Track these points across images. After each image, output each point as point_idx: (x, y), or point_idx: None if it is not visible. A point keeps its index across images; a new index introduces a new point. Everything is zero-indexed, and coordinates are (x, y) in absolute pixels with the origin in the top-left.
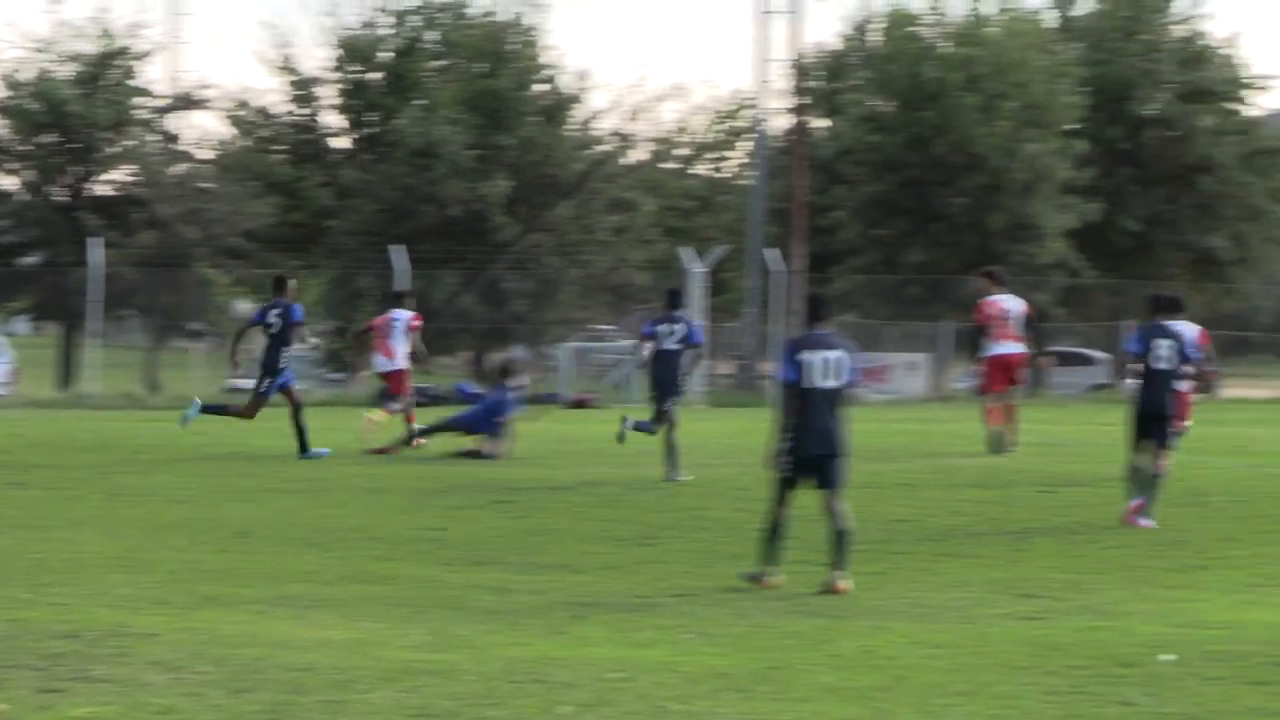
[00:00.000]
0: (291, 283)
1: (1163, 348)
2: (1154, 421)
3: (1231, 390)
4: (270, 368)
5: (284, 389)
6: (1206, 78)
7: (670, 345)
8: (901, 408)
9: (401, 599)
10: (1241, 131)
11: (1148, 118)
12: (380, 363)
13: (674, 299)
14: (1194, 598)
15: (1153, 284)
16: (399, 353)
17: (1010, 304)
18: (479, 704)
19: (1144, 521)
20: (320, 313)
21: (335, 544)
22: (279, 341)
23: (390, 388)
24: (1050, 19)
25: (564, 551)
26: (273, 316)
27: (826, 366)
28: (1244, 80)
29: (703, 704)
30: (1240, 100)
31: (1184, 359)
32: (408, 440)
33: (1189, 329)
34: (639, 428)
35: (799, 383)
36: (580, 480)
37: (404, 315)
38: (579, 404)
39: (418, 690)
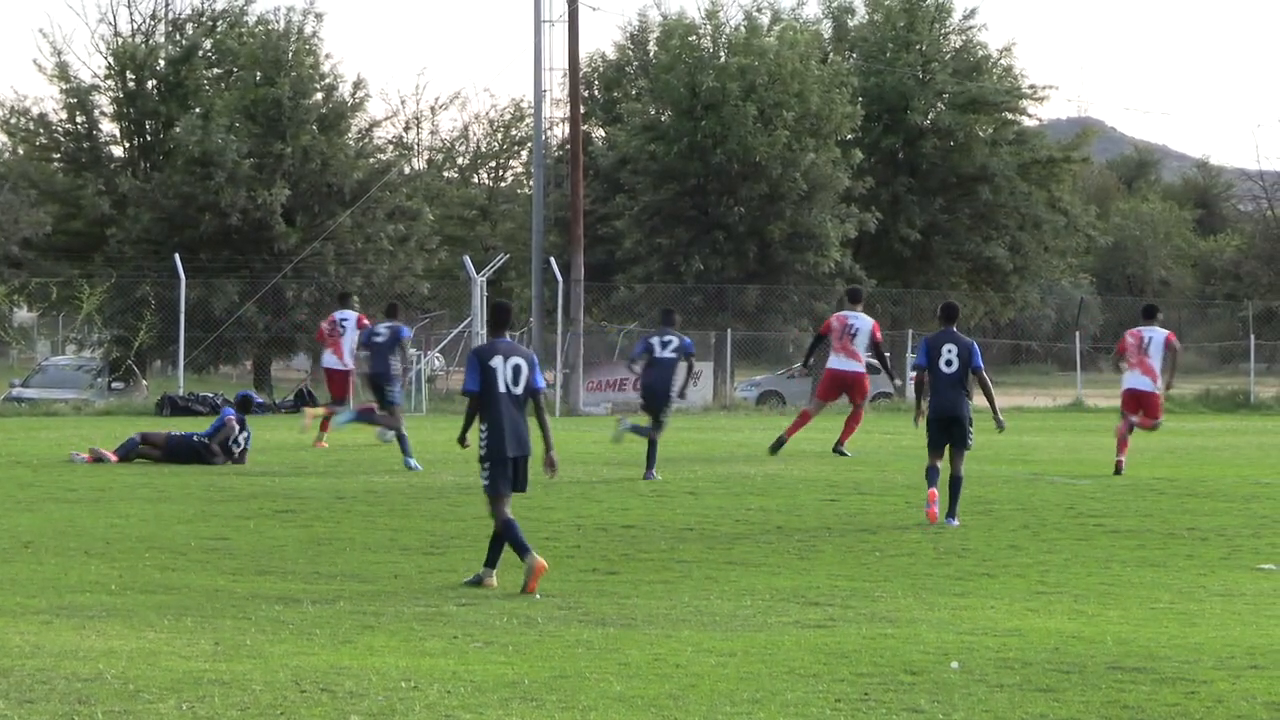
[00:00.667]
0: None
1: (948, 354)
2: (948, 425)
3: (1012, 399)
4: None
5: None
6: (983, 88)
7: (666, 354)
8: (685, 416)
9: (187, 608)
10: (1019, 141)
11: (925, 128)
12: (330, 360)
13: (667, 317)
14: (980, 605)
15: (933, 293)
16: (348, 352)
17: (857, 321)
18: (267, 714)
19: (952, 521)
20: (98, 322)
21: (119, 553)
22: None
23: (332, 388)
24: (827, 29)
25: (351, 561)
26: (381, 328)
27: (511, 373)
28: (1020, 90)
29: (493, 713)
30: (1017, 110)
31: (974, 367)
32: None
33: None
34: (636, 430)
35: (483, 390)
36: (366, 489)
37: (351, 315)
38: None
39: (205, 700)
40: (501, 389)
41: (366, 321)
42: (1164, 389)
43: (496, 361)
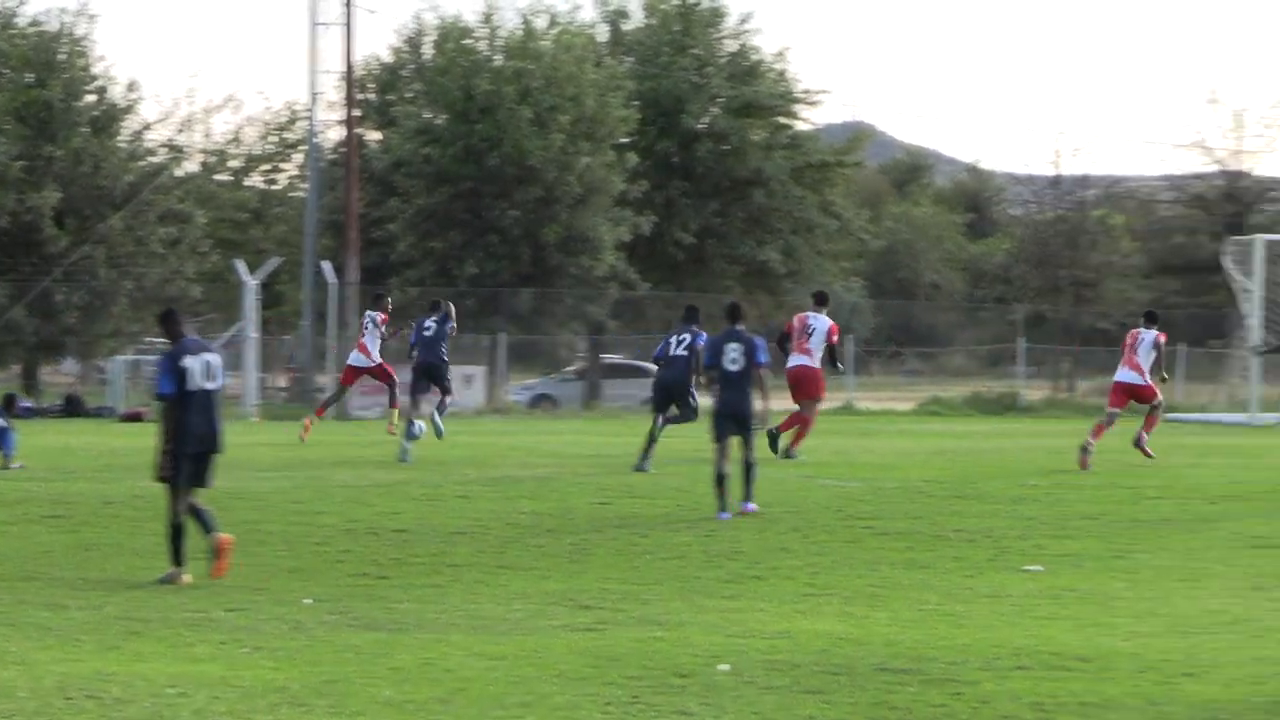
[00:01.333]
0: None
1: (732, 353)
2: (733, 421)
3: (785, 402)
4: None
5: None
6: (757, 92)
7: (679, 353)
8: (458, 420)
9: None
10: (792, 145)
11: (699, 131)
12: (360, 360)
13: (691, 314)
14: (749, 608)
15: (707, 296)
16: (374, 349)
17: (816, 321)
18: None
19: (749, 506)
20: None
21: None
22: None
23: (380, 381)
24: (602, 33)
25: (118, 566)
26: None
27: (206, 370)
28: (794, 95)
29: (261, 718)
30: (790, 115)
31: (756, 364)
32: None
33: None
34: (673, 420)
35: (178, 392)
36: (133, 494)
37: (375, 315)
38: (132, 417)
39: None
40: (193, 387)
41: (385, 320)
42: (1159, 380)
43: (188, 361)
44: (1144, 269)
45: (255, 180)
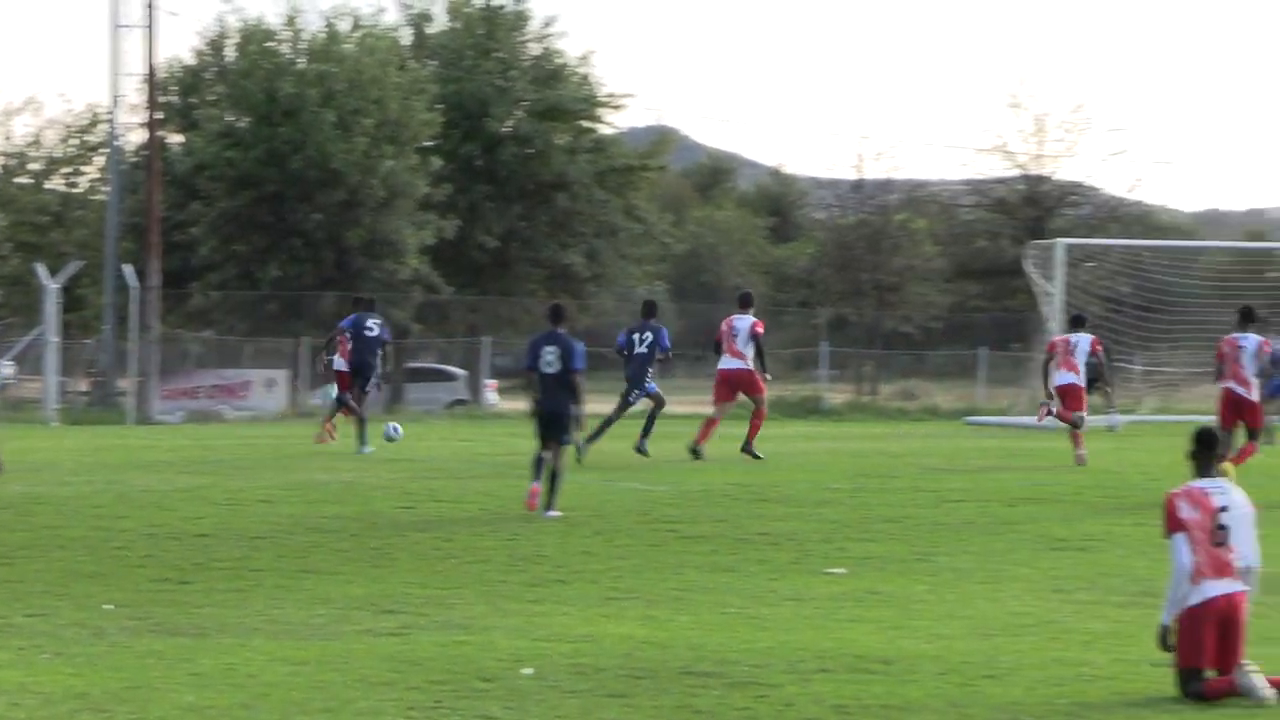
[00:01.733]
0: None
1: (549, 355)
2: (552, 421)
3: (590, 405)
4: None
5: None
6: (561, 96)
7: (641, 350)
8: (260, 424)
9: None
10: (596, 149)
11: (504, 135)
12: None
13: (649, 309)
14: (553, 611)
15: (510, 300)
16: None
17: (739, 322)
18: None
19: (550, 513)
20: None
21: None
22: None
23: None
24: (406, 36)
25: None
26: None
27: None
28: (598, 99)
29: None
30: (594, 118)
31: (573, 368)
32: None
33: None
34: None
35: None
36: None
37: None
38: None
39: None
40: None
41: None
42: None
43: None
44: (946, 273)
45: (56, 183)
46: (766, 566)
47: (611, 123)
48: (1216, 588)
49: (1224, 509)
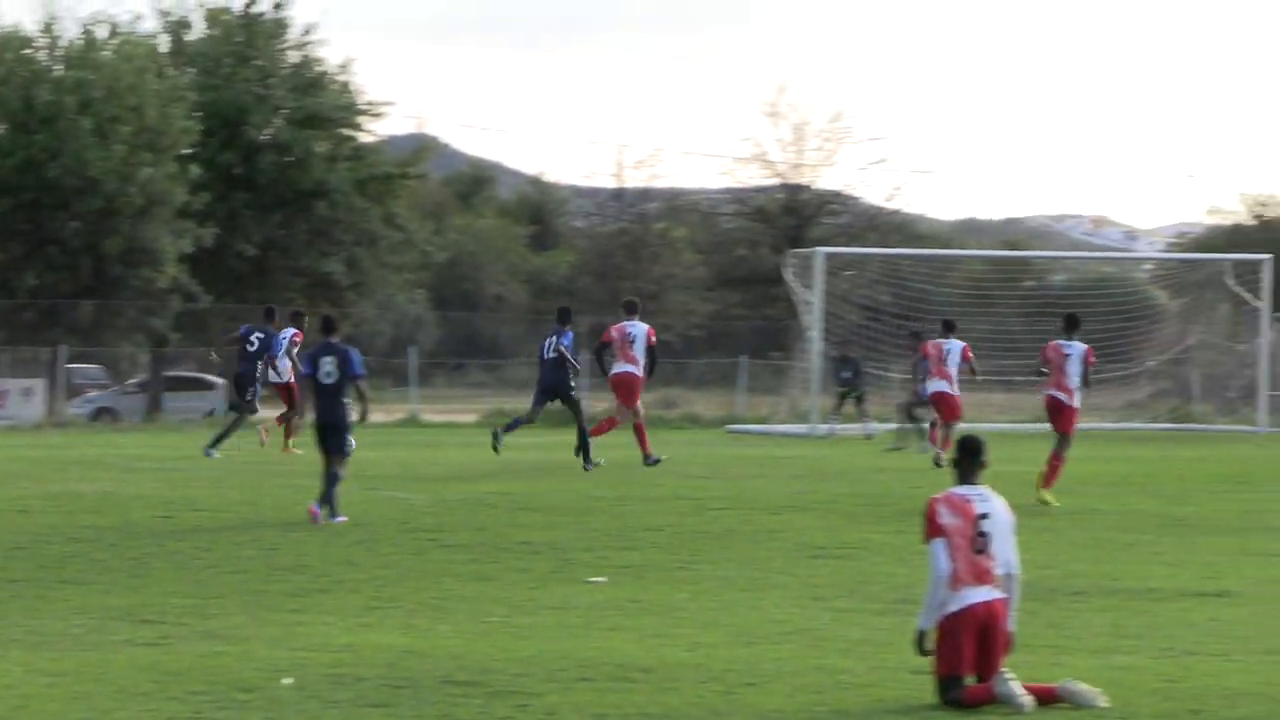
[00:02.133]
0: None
1: (327, 365)
2: (330, 431)
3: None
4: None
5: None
6: (320, 104)
7: (550, 355)
8: (17, 434)
9: None
10: (356, 157)
11: (263, 143)
12: (272, 376)
13: (563, 315)
14: (315, 621)
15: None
16: (284, 368)
17: (634, 329)
18: None
19: (335, 518)
20: None
21: None
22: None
23: (283, 399)
24: (164, 44)
25: None
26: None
27: None
28: (357, 107)
29: None
30: (354, 126)
31: (352, 375)
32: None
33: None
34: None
35: None
36: None
37: (289, 333)
38: None
39: None
40: None
41: (299, 339)
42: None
43: None
44: (706, 281)
45: None
46: (528, 575)
47: (371, 131)
48: (976, 595)
49: (985, 516)
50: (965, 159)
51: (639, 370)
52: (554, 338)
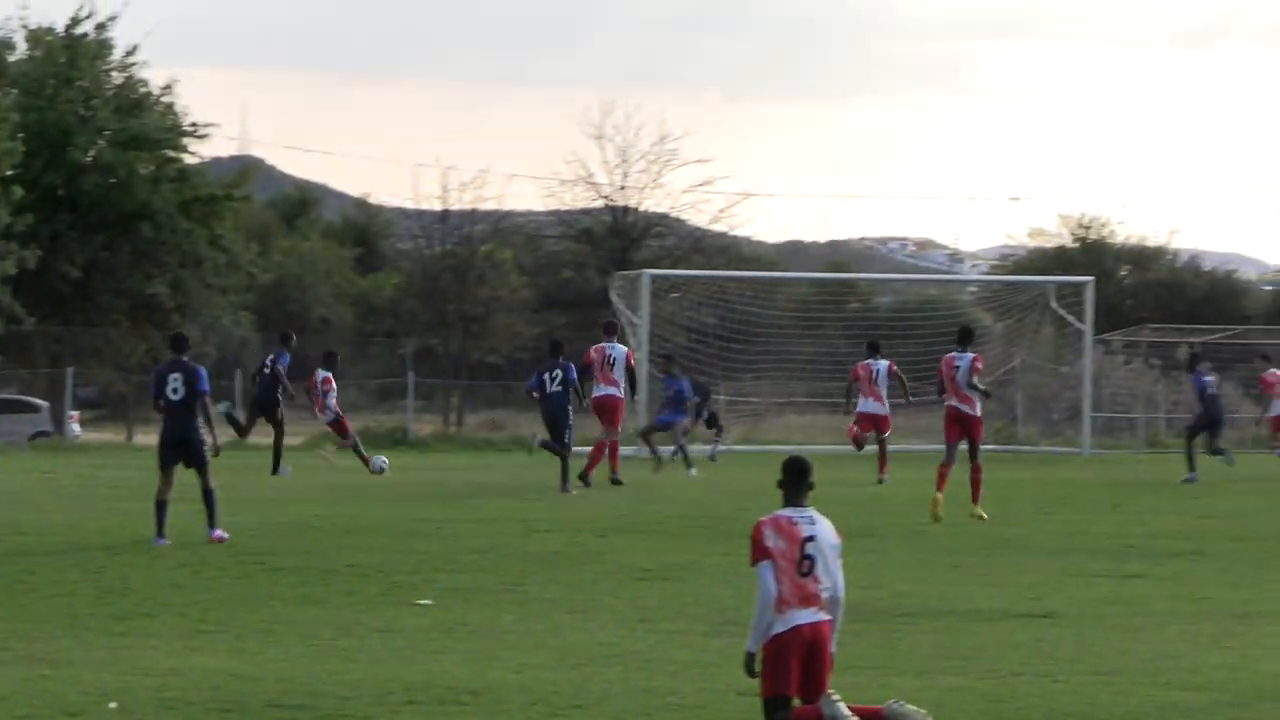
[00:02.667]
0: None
1: (174, 382)
2: (178, 449)
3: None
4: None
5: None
6: (144, 125)
7: (554, 389)
8: None
9: None
10: (180, 179)
11: (86, 165)
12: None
13: (555, 348)
14: (140, 645)
15: (94, 330)
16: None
17: (614, 351)
18: None
19: (216, 534)
20: None
21: None
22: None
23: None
24: None
25: None
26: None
27: None
28: (182, 128)
29: None
30: (178, 148)
31: (198, 391)
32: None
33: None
34: (545, 445)
35: None
36: None
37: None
38: None
39: None
40: None
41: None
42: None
43: None
44: (533, 303)
45: None
46: (354, 598)
47: (196, 153)
48: (801, 617)
49: (810, 539)
50: (790, 182)
51: (619, 392)
52: (557, 371)
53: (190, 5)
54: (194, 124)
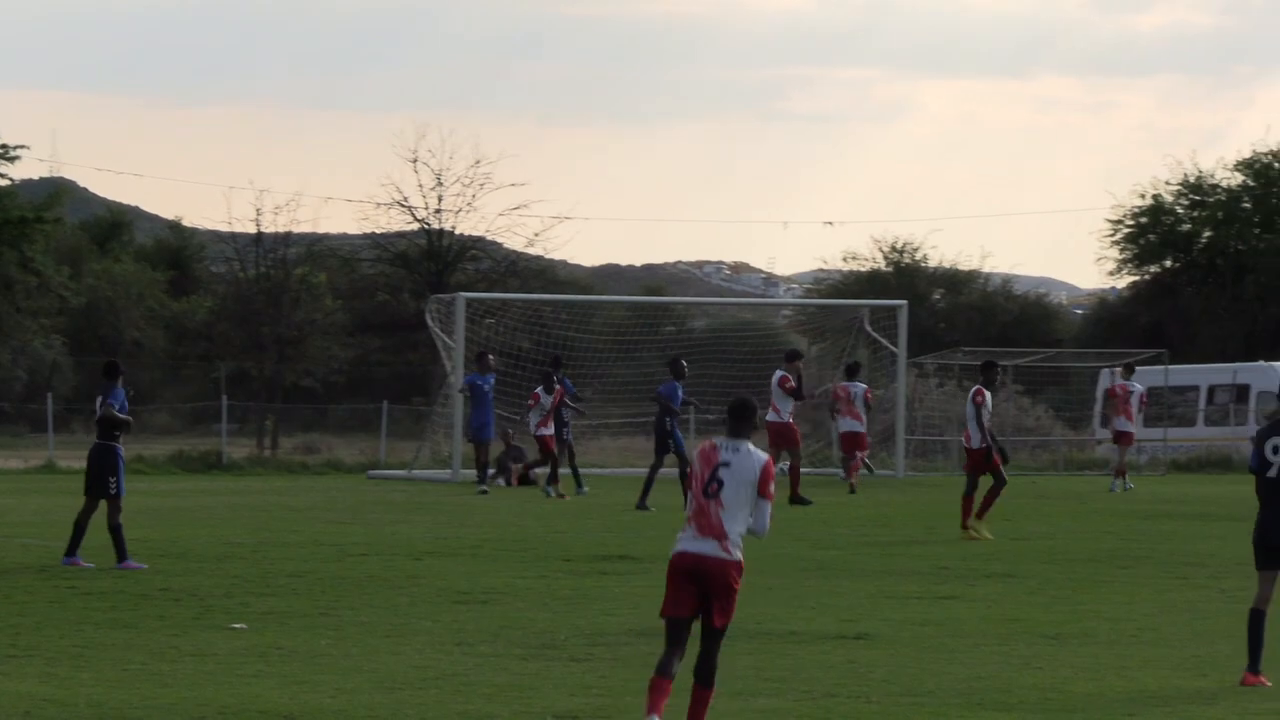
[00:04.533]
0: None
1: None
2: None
3: None
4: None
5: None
6: None
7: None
8: None
9: None
10: None
11: None
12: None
13: (481, 360)
14: None
15: None
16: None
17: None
18: None
19: (71, 560)
20: None
21: None
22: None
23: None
24: None
25: None
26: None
27: None
28: None
29: None
30: None
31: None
32: None
33: None
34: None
35: None
36: None
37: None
38: None
39: None
40: None
41: None
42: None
43: None
44: (348, 326)
45: None
46: (168, 623)
47: (5, 174)
48: (687, 543)
49: (725, 464)
50: (606, 205)
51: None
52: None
53: None
54: (3, 146)
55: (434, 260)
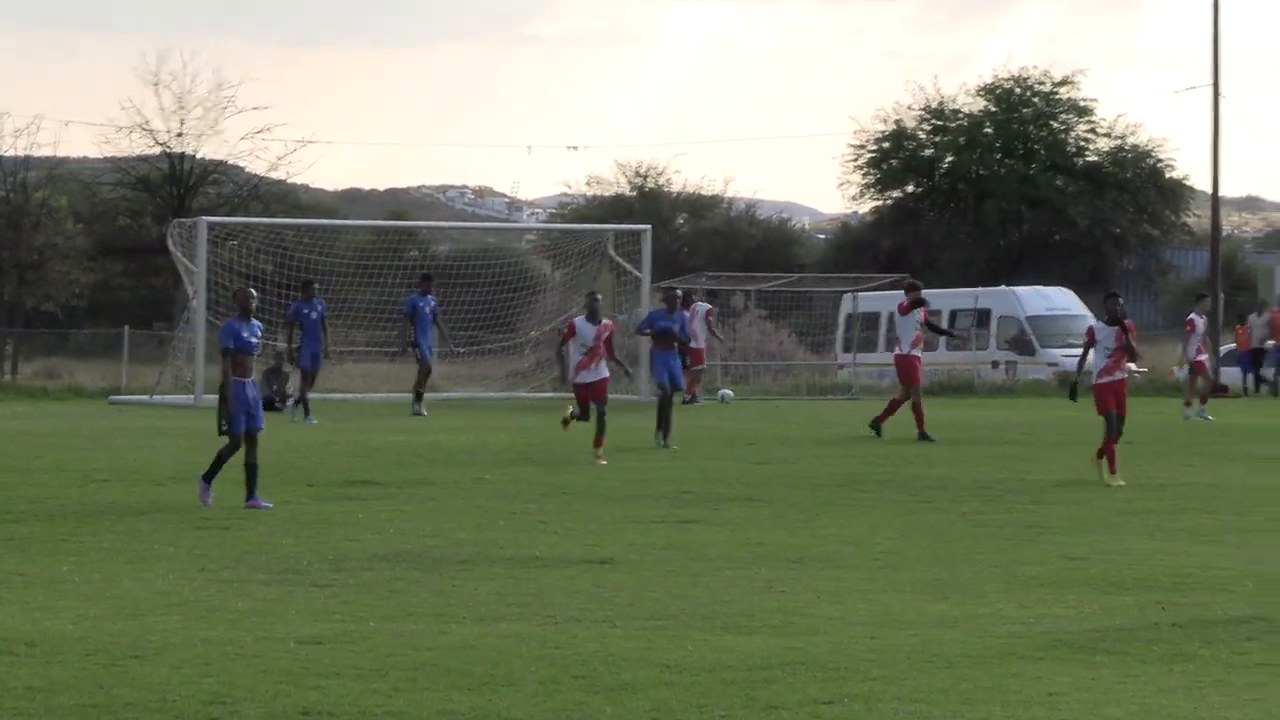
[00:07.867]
0: None
1: None
2: None
3: None
4: None
5: None
6: None
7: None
8: None
9: None
10: None
11: None
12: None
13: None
14: None
15: None
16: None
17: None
18: None
19: None
20: None
21: None
22: None
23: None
24: None
25: None
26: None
27: None
28: None
29: None
30: None
31: None
32: None
33: None
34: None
35: None
36: None
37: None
38: None
39: None
40: None
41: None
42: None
43: None
44: (89, 251)
45: None
46: None
47: None
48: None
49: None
50: (350, 130)
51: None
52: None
53: None
54: None
55: (176, 184)
